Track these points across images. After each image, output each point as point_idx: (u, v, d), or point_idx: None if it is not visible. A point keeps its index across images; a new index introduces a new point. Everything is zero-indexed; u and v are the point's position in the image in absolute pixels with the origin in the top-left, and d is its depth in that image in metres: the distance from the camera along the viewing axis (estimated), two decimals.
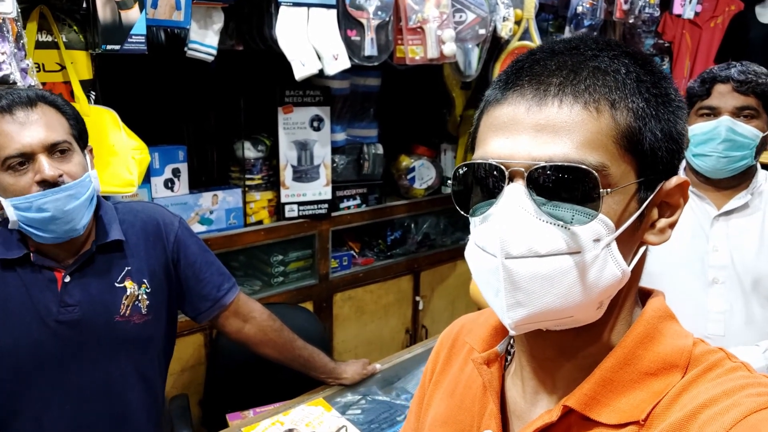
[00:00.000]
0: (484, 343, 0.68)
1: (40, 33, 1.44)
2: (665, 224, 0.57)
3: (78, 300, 1.20)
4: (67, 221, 1.13)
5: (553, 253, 0.51)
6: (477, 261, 0.57)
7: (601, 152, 0.51)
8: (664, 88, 0.55)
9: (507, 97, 0.54)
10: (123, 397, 1.26)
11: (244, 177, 2.15)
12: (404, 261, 2.62)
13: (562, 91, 0.52)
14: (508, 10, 2.21)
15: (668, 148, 0.54)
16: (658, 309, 0.58)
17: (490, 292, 0.55)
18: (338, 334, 2.44)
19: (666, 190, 0.56)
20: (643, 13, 2.66)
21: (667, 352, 0.55)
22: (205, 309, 1.39)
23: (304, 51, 1.78)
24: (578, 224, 0.51)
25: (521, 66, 0.56)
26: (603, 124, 0.51)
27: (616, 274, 0.53)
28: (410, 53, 1.99)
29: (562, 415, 0.56)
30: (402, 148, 2.64)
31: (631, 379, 0.54)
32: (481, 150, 0.56)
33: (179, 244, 1.34)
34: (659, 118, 0.53)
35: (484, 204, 0.55)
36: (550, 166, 0.51)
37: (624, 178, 0.52)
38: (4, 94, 1.12)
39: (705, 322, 1.34)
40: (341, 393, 1.56)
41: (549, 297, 0.52)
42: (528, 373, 0.62)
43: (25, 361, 1.17)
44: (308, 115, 2.16)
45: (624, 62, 0.54)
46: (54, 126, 1.12)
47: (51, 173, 1.09)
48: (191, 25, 1.63)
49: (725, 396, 0.50)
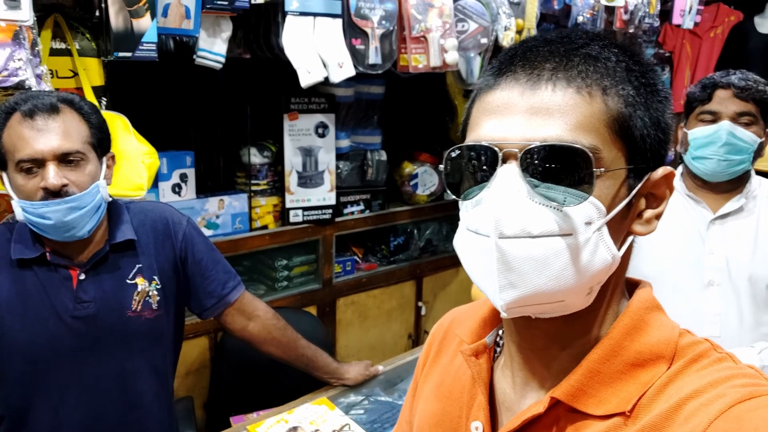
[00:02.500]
0: (473, 335, 0.68)
1: (54, 40, 1.49)
2: (652, 215, 0.58)
3: (92, 296, 1.24)
4: (68, 229, 1.17)
5: (546, 234, 0.52)
6: (469, 244, 0.57)
7: (593, 135, 0.52)
8: (652, 78, 0.56)
9: (500, 82, 0.55)
10: (136, 389, 1.30)
11: (250, 182, 2.18)
12: (407, 266, 2.64)
13: (555, 75, 0.53)
14: (509, 20, 2.25)
15: (656, 136, 0.55)
16: (645, 300, 0.59)
17: (482, 274, 0.55)
18: (341, 338, 2.46)
19: (653, 181, 0.57)
20: (643, 24, 2.69)
21: (653, 343, 0.56)
22: (211, 305, 1.42)
23: (310, 59, 1.82)
24: (570, 206, 0.52)
25: (514, 53, 0.56)
26: (595, 108, 0.52)
27: (607, 258, 0.54)
28: (413, 62, 2.03)
29: (550, 407, 0.56)
30: (405, 155, 2.67)
31: (617, 371, 0.55)
32: (474, 134, 0.57)
33: (187, 242, 1.38)
34: (648, 107, 0.55)
35: (476, 188, 0.56)
36: (543, 146, 0.51)
37: (615, 163, 0.53)
38: (28, 98, 1.16)
39: (701, 324, 1.37)
40: (344, 393, 1.59)
41: (541, 279, 0.52)
42: (517, 364, 0.62)
43: (42, 356, 1.22)
44: (313, 122, 2.20)
45: (614, 51, 0.55)
46: (71, 134, 1.16)
47: (54, 182, 1.12)
48: (200, 34, 1.66)
49: (710, 387, 0.51)
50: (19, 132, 1.13)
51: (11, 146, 1.14)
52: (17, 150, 1.13)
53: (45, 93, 1.20)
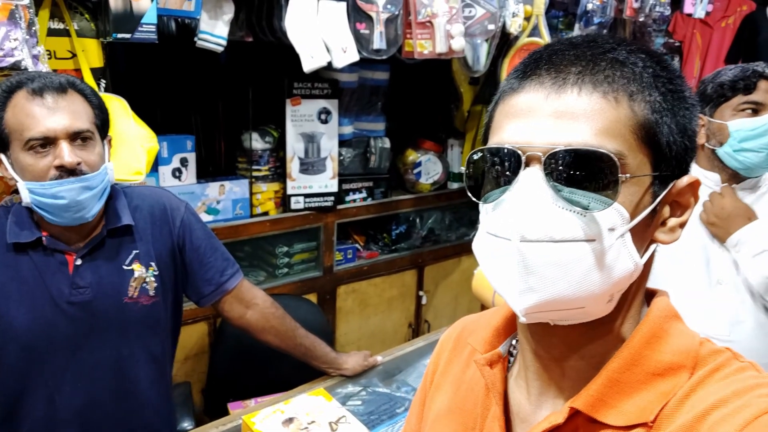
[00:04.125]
0: (486, 344, 0.67)
1: (51, 20, 1.46)
2: (676, 223, 0.57)
3: (89, 282, 1.23)
4: (78, 210, 1.16)
5: (568, 240, 0.51)
6: (488, 248, 0.56)
7: (619, 141, 0.51)
8: (679, 85, 0.55)
9: (524, 86, 0.55)
10: (133, 376, 1.29)
11: (251, 168, 2.16)
12: (408, 255, 2.62)
13: (581, 79, 0.52)
14: (517, 6, 2.20)
15: (682, 144, 0.54)
16: (664, 309, 0.58)
17: (502, 277, 0.54)
18: (341, 326, 2.46)
19: (678, 189, 0.56)
20: (654, 12, 2.64)
21: (673, 352, 0.55)
22: (208, 293, 1.41)
23: (313, 43, 1.78)
24: (594, 211, 0.51)
25: (539, 56, 0.56)
26: (621, 113, 0.52)
27: (629, 266, 0.53)
28: (419, 47, 2.00)
29: (569, 417, 0.55)
30: (409, 143, 2.65)
31: (638, 380, 0.54)
32: (497, 136, 0.56)
33: (185, 228, 1.36)
34: (675, 114, 0.54)
35: (498, 191, 0.55)
36: (568, 150, 0.51)
37: (640, 170, 0.53)
38: (37, 77, 1.15)
39: (710, 322, 1.34)
40: (342, 384, 1.58)
41: (562, 284, 0.51)
42: (533, 373, 0.61)
43: (38, 342, 1.20)
44: (316, 108, 2.17)
45: (641, 57, 0.54)
46: (80, 114, 1.15)
47: (70, 160, 1.12)
48: (201, 15, 1.64)
49: (735, 396, 0.50)
50: (28, 110, 1.12)
51: (17, 125, 1.12)
52: (26, 128, 1.11)
53: (50, 73, 1.19)
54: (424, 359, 1.70)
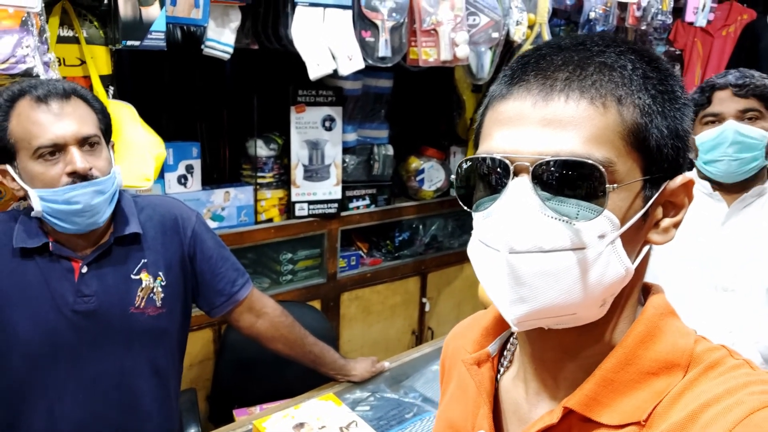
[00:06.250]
0: (475, 345, 0.67)
1: (61, 28, 1.46)
2: (669, 224, 0.56)
3: (94, 290, 1.21)
4: (92, 214, 1.15)
5: (558, 249, 0.51)
6: (480, 257, 0.56)
7: (607, 148, 0.51)
8: (670, 85, 0.54)
9: (512, 92, 0.54)
10: (136, 389, 1.26)
11: (256, 175, 2.16)
12: (411, 262, 2.63)
13: (568, 86, 0.51)
14: (521, 14, 2.22)
15: (674, 145, 0.54)
16: (659, 306, 0.57)
17: (493, 286, 0.54)
18: (344, 333, 2.45)
19: (671, 189, 0.55)
20: (656, 20, 2.66)
21: (668, 350, 0.54)
22: (220, 303, 1.40)
23: (319, 51, 1.79)
24: (583, 220, 0.51)
25: (527, 61, 0.55)
26: (609, 119, 0.51)
27: (620, 271, 0.53)
28: (423, 55, 2.01)
29: (563, 416, 0.55)
30: (412, 150, 2.66)
31: (632, 379, 0.54)
32: (486, 145, 0.55)
33: (196, 238, 1.35)
34: (665, 115, 0.53)
35: (487, 199, 0.55)
36: (556, 160, 0.50)
37: (630, 175, 0.52)
38: (40, 84, 1.14)
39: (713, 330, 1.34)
40: (350, 389, 1.58)
41: (552, 293, 0.51)
42: (530, 374, 0.61)
43: (40, 350, 1.18)
44: (320, 115, 2.18)
45: (630, 58, 0.53)
46: (86, 120, 1.15)
47: (83, 166, 1.11)
48: (209, 23, 1.65)
49: (728, 394, 0.50)
50: (34, 118, 1.11)
51: (24, 133, 1.11)
52: (34, 136, 1.10)
53: (53, 80, 1.19)
54: (431, 365, 1.70)
